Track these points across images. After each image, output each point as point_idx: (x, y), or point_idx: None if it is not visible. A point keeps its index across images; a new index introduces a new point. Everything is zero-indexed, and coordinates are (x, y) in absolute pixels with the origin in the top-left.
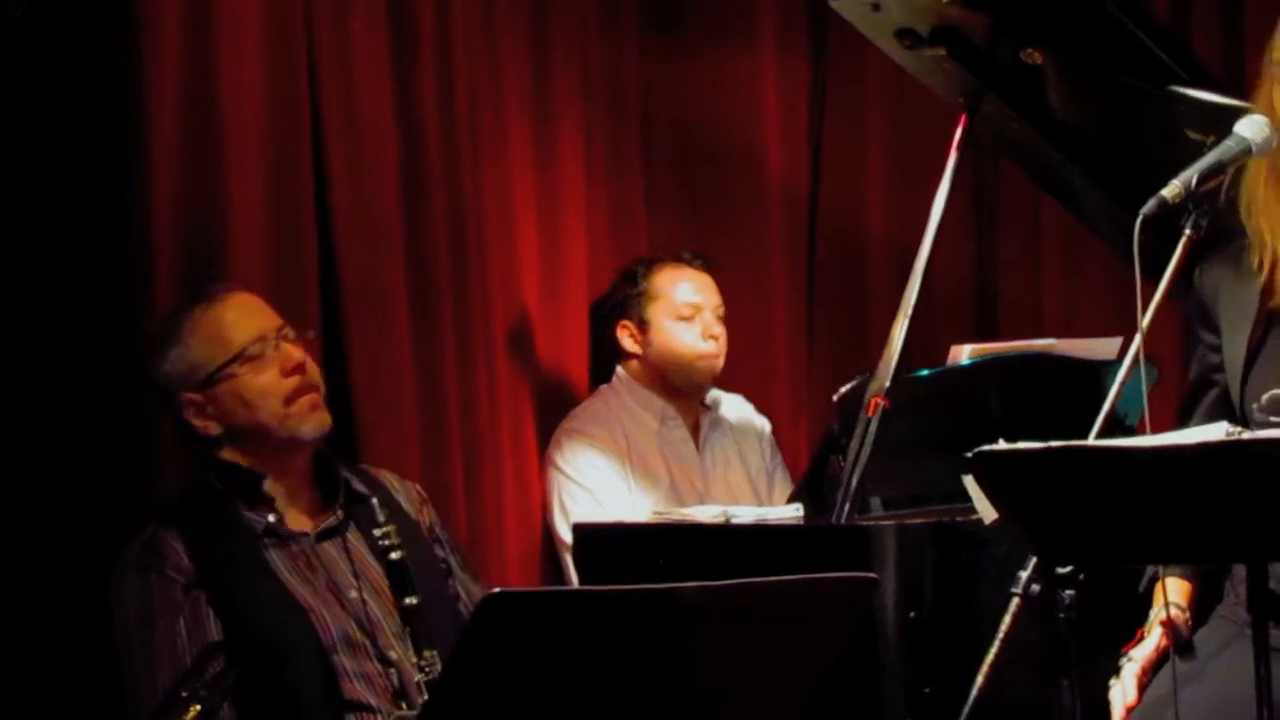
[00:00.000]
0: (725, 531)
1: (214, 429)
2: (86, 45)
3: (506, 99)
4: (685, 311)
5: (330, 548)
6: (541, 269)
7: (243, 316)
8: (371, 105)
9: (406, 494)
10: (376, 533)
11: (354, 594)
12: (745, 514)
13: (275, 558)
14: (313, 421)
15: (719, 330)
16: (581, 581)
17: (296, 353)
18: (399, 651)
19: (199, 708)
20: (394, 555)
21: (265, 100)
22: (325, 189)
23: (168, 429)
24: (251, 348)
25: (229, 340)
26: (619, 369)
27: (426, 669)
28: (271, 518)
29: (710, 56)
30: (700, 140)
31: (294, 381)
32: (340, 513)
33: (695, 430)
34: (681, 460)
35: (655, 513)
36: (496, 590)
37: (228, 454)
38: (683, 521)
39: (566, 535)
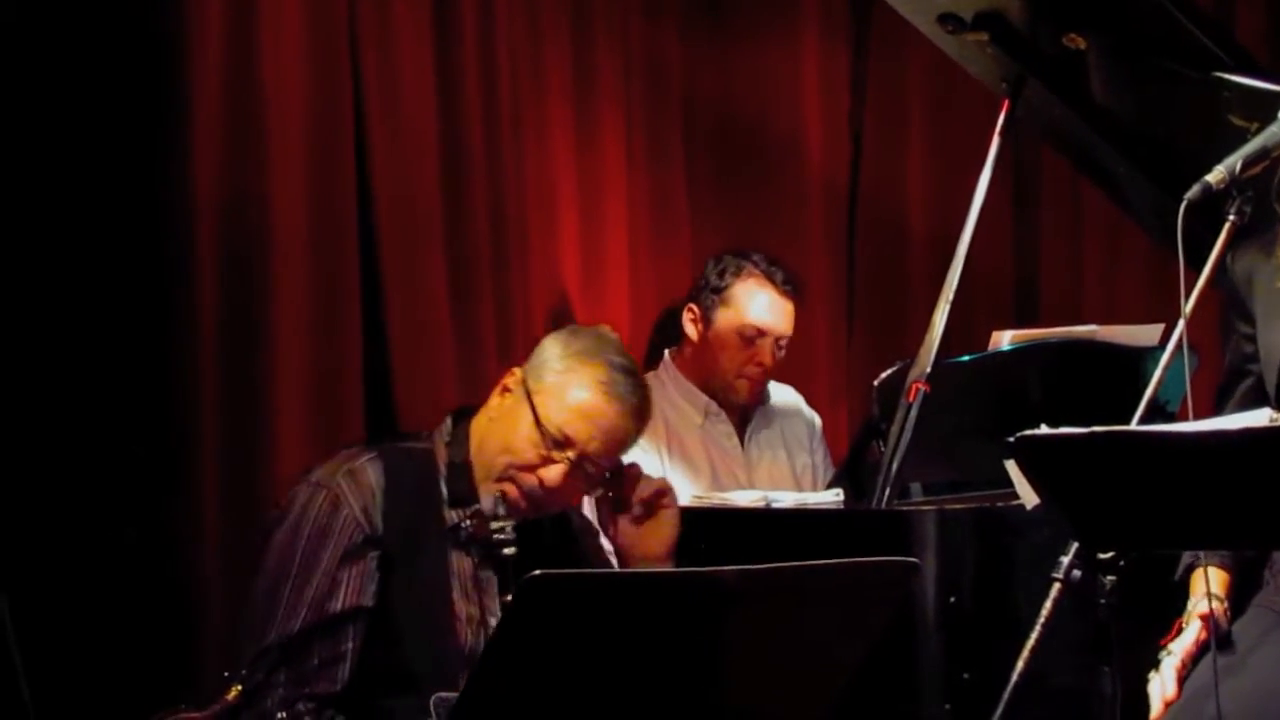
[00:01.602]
0: (765, 516)
1: (491, 413)
2: (129, 30)
3: (548, 84)
4: (748, 333)
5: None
6: (582, 255)
7: (589, 418)
8: (413, 90)
9: None
10: (493, 526)
11: (494, 620)
12: (785, 499)
13: (453, 559)
14: (507, 511)
15: (770, 358)
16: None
17: (557, 476)
18: None
19: (239, 688)
20: (506, 551)
21: (307, 86)
22: (366, 175)
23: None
24: (555, 434)
25: (558, 411)
26: (666, 355)
27: None
28: (467, 523)
29: (752, 43)
30: (742, 126)
31: (527, 482)
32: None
33: (743, 423)
34: (725, 453)
35: (695, 497)
36: (537, 572)
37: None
38: (723, 505)
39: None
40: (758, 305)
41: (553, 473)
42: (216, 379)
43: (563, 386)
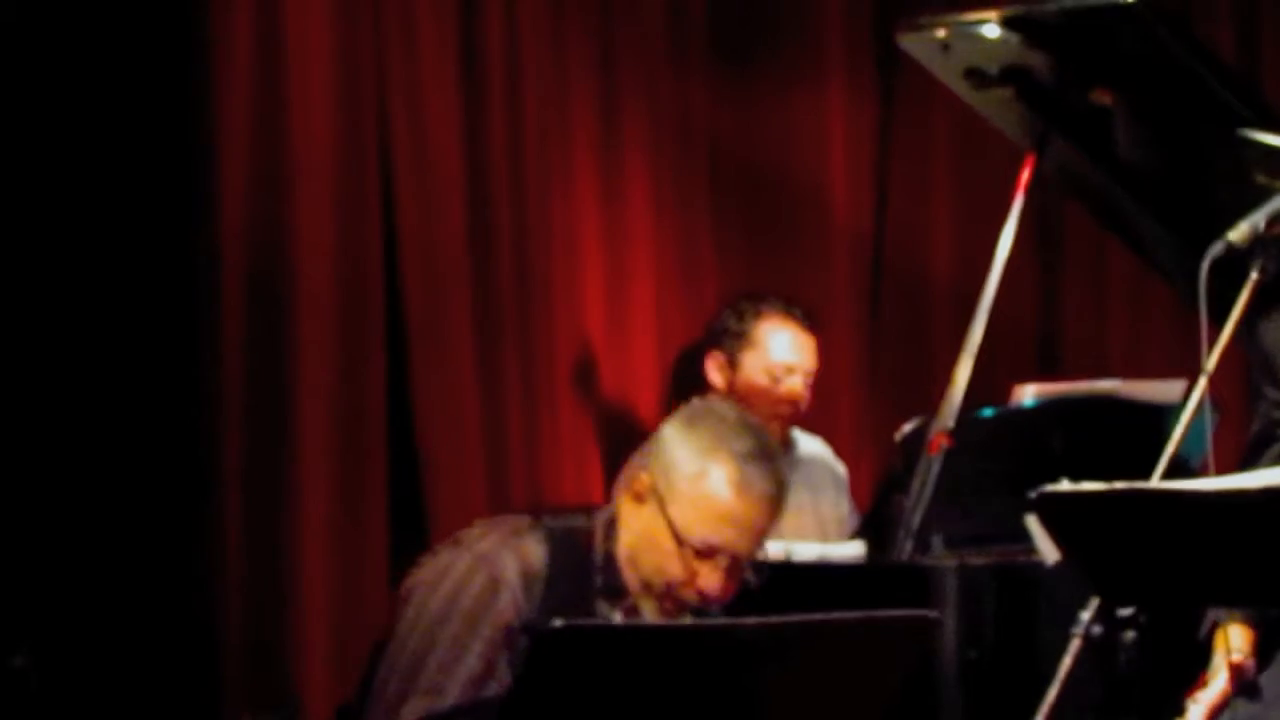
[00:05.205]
0: (786, 568)
1: (629, 524)
2: (159, 74)
3: (574, 133)
4: (776, 371)
5: None
6: (607, 303)
7: (730, 521)
8: (440, 137)
9: None
10: None
11: None
12: (807, 551)
13: None
14: (660, 616)
15: (802, 394)
16: None
17: (716, 584)
18: None
19: None
20: None
21: (334, 131)
22: (392, 222)
23: None
24: (700, 546)
25: (697, 523)
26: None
27: None
28: (618, 616)
29: (778, 95)
30: (767, 176)
31: (687, 596)
32: None
33: None
34: None
35: None
36: (557, 623)
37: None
38: None
39: None
40: (782, 344)
41: (711, 581)
42: (240, 424)
43: (697, 496)
